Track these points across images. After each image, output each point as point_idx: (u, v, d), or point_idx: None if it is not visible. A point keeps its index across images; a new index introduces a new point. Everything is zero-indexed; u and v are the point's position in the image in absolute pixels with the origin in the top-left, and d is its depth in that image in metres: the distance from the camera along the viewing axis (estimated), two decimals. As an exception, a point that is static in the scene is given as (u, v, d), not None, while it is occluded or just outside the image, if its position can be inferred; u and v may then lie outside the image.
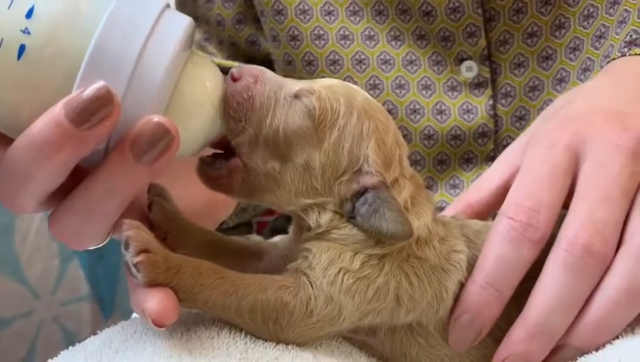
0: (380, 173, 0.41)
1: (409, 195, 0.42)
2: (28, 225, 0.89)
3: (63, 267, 0.91)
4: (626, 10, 0.57)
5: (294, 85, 0.42)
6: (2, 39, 0.37)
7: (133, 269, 0.38)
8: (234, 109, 0.41)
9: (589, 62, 0.59)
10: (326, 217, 0.41)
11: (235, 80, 0.41)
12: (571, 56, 0.60)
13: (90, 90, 0.36)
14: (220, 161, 0.42)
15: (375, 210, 0.40)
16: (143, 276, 0.38)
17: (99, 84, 0.36)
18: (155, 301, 0.37)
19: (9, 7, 0.37)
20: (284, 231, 0.68)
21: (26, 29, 0.37)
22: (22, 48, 0.37)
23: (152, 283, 0.38)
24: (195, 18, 0.68)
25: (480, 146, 0.62)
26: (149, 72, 0.37)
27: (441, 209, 0.62)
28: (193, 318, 0.41)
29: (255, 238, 0.67)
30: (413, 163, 0.63)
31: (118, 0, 0.37)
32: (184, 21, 0.39)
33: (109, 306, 0.95)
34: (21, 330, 0.89)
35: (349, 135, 0.41)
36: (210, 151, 0.43)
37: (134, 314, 0.58)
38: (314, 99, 0.41)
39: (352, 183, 0.41)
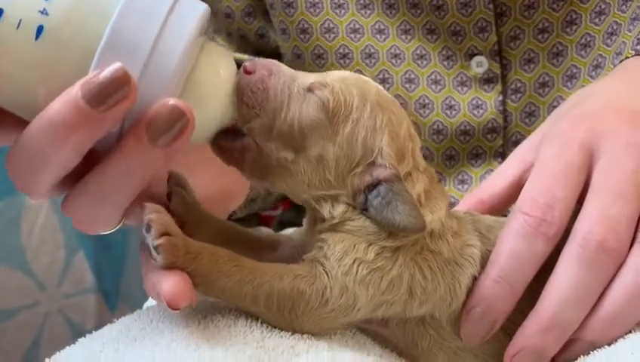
0: (394, 165, 0.41)
1: (423, 189, 0.42)
2: (34, 217, 0.90)
3: (69, 259, 0.92)
4: (638, 7, 0.57)
5: (307, 78, 0.42)
6: (20, 20, 0.37)
7: (153, 252, 0.38)
8: (248, 97, 0.41)
9: (600, 59, 0.60)
10: (339, 209, 0.41)
11: (248, 73, 0.41)
12: (582, 52, 0.60)
13: (107, 72, 0.36)
14: (235, 135, 0.42)
15: (388, 202, 0.40)
16: (163, 258, 0.38)
17: (116, 65, 0.36)
18: (169, 283, 0.38)
19: None
20: (292, 224, 0.68)
21: (44, 9, 0.37)
22: (40, 29, 0.37)
23: (171, 266, 0.38)
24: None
25: (489, 142, 0.62)
26: (165, 55, 0.37)
27: (450, 204, 0.62)
28: (210, 307, 0.41)
29: (265, 230, 0.68)
30: (422, 158, 0.63)
31: None
32: (200, 6, 0.40)
33: (113, 298, 0.95)
34: (26, 321, 0.90)
35: (362, 127, 0.41)
36: None
37: (146, 305, 0.58)
38: (327, 92, 0.41)
39: (365, 176, 0.41)
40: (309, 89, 0.42)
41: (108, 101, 0.36)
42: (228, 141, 0.42)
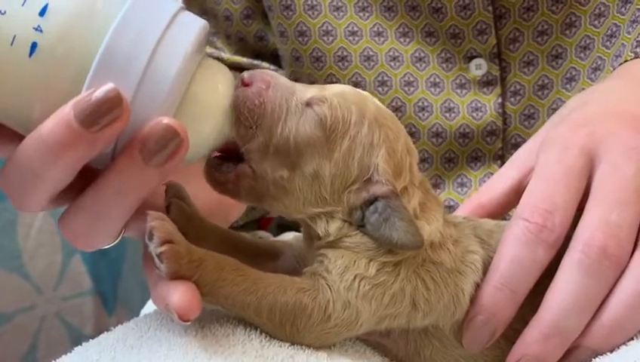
0: (391, 182, 0.41)
1: (418, 202, 0.42)
2: (31, 220, 0.89)
3: (66, 262, 0.91)
4: (638, 9, 0.57)
5: (306, 92, 0.42)
6: (15, 36, 0.37)
7: (156, 260, 0.38)
8: (244, 116, 0.40)
9: (599, 62, 0.59)
10: (335, 226, 0.41)
11: (246, 85, 0.41)
12: (581, 55, 0.60)
13: (99, 92, 0.36)
14: (228, 165, 0.41)
15: (385, 218, 0.40)
16: (166, 267, 0.38)
17: (108, 86, 0.36)
18: (178, 294, 0.37)
19: (23, 4, 0.37)
20: (290, 227, 0.68)
21: (38, 26, 0.37)
22: (34, 46, 0.37)
23: (175, 275, 0.38)
24: (203, 13, 0.68)
25: (488, 145, 0.62)
26: (159, 74, 0.37)
27: (449, 207, 0.62)
28: (208, 316, 0.41)
29: (263, 235, 0.67)
30: (421, 161, 0.63)
31: (132, 1, 0.37)
32: (197, 24, 0.39)
33: (111, 301, 0.95)
34: (23, 325, 0.89)
35: (359, 144, 0.41)
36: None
37: (143, 312, 0.57)
38: (325, 108, 0.41)
39: (362, 192, 0.41)
40: (308, 104, 0.41)
41: (100, 122, 0.36)
42: (222, 173, 0.41)
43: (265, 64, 0.67)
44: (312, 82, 0.62)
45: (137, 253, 0.95)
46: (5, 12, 0.37)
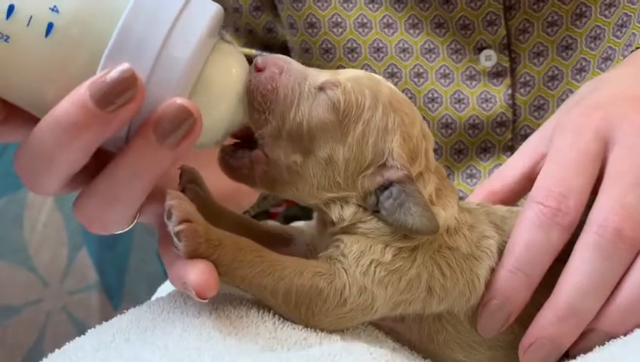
0: (406, 166, 0.40)
1: (434, 188, 0.42)
2: (37, 214, 0.89)
3: (72, 255, 0.91)
4: (649, -2, 0.57)
5: (319, 76, 0.42)
6: (31, 16, 0.37)
7: (175, 239, 0.38)
8: (257, 101, 0.40)
9: (609, 52, 0.59)
10: (349, 211, 0.41)
11: (259, 70, 0.41)
12: (592, 45, 0.60)
13: (114, 73, 0.36)
14: (243, 151, 0.41)
15: (400, 203, 0.40)
16: (184, 245, 0.38)
17: (123, 66, 0.36)
18: (196, 272, 0.37)
19: None
20: (296, 218, 0.68)
21: (54, 7, 0.37)
22: (50, 26, 0.37)
23: (193, 254, 0.38)
24: (212, 5, 0.68)
25: (498, 136, 0.62)
26: (174, 55, 0.37)
27: (459, 198, 0.62)
28: (221, 298, 0.41)
29: (272, 223, 0.67)
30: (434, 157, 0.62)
31: None
32: (212, 7, 0.39)
33: (116, 295, 0.95)
34: (30, 318, 0.89)
35: (373, 129, 0.41)
36: (232, 141, 0.43)
37: (154, 298, 0.57)
38: (339, 92, 0.41)
39: (376, 177, 0.41)
40: (321, 88, 0.41)
41: (116, 102, 0.36)
42: (237, 159, 0.41)
43: (274, 56, 0.67)
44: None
45: (144, 246, 0.95)
46: None
